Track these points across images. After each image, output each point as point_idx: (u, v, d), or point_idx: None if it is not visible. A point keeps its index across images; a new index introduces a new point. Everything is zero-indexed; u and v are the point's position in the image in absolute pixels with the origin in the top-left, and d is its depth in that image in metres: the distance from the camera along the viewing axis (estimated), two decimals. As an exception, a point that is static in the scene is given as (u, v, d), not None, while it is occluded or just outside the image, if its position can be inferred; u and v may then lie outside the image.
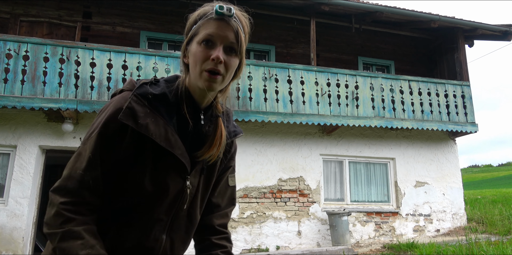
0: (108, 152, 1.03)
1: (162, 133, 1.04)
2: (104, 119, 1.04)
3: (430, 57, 11.07)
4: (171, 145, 1.05)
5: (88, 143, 1.03)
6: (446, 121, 8.96)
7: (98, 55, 7.12)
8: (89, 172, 1.01)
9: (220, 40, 1.05)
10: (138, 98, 1.05)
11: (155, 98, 1.07)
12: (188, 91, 1.12)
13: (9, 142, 7.07)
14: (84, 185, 1.00)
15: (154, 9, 9.02)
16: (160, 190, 1.06)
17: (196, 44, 1.07)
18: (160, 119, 1.05)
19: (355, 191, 8.89)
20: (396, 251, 7.23)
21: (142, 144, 1.04)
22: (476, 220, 9.55)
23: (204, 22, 1.07)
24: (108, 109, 1.06)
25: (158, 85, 1.11)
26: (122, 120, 1.01)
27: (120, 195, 1.06)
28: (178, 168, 1.08)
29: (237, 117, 7.58)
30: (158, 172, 1.06)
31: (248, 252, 7.62)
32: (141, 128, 1.02)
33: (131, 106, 1.03)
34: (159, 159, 1.05)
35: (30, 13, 8.34)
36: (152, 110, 1.05)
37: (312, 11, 8.76)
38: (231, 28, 1.06)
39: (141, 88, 1.07)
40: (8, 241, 6.61)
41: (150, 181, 1.05)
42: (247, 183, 8.00)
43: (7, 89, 6.57)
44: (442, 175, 9.41)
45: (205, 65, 1.05)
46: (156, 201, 1.07)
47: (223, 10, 1.04)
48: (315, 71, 8.35)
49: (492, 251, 6.01)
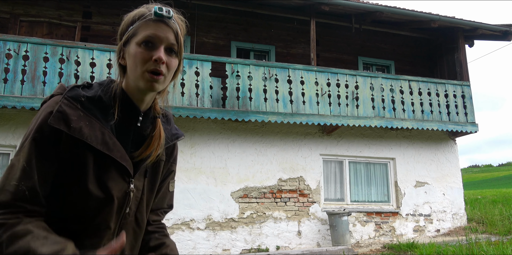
0: (43, 158, 0.98)
1: (98, 136, 1.01)
2: (36, 126, 0.99)
3: (430, 57, 11.07)
4: (109, 148, 1.02)
5: (21, 152, 0.98)
6: (446, 121, 8.96)
7: (98, 55, 7.12)
8: (24, 181, 0.94)
9: (161, 41, 1.05)
10: (70, 101, 1.01)
11: (89, 101, 1.04)
12: (125, 94, 1.09)
13: (9, 142, 7.07)
14: (18, 196, 0.93)
15: (154, 9, 9.01)
16: (104, 194, 1.02)
17: (135, 46, 1.05)
18: (96, 123, 1.02)
19: (355, 191, 8.89)
20: (396, 251, 7.23)
21: (79, 148, 1.00)
22: (476, 220, 9.55)
23: (142, 24, 1.06)
24: (40, 115, 1.01)
25: (91, 88, 1.08)
26: (53, 124, 0.97)
27: (66, 204, 1.01)
28: (120, 171, 1.05)
29: (237, 117, 7.58)
30: (100, 176, 1.02)
31: (248, 252, 7.61)
32: (74, 131, 0.98)
33: (62, 109, 0.99)
34: (99, 162, 1.02)
35: (30, 13, 8.34)
36: (86, 113, 1.02)
37: (312, 11, 8.76)
38: (171, 29, 1.06)
39: (72, 91, 1.04)
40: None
41: (94, 186, 1.01)
42: (247, 183, 8.00)
43: (7, 89, 6.57)
44: (442, 175, 9.41)
45: (147, 66, 1.04)
46: (103, 207, 1.03)
47: (162, 11, 1.04)
48: (315, 71, 8.35)
49: (492, 251, 6.01)
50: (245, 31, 9.69)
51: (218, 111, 7.52)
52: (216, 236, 7.57)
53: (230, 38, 9.50)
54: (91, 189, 1.00)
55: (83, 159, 1.00)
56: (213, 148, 7.96)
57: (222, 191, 7.81)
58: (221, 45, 9.33)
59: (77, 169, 1.00)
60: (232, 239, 7.65)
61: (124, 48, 1.09)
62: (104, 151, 1.01)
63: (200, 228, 7.51)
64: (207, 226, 7.57)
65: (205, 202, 7.64)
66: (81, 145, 0.99)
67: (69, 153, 0.99)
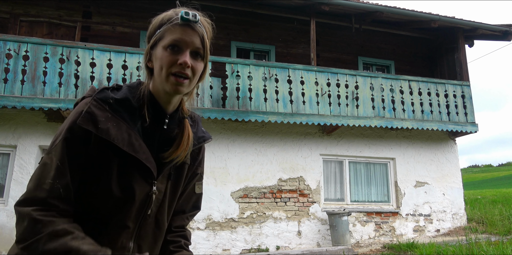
0: (74, 158, 1.01)
1: (125, 137, 1.03)
2: (67, 126, 1.02)
3: (430, 57, 11.07)
4: (135, 149, 1.04)
5: (53, 151, 1.01)
6: (446, 121, 8.96)
7: (98, 55, 7.12)
8: (58, 180, 0.98)
9: (186, 45, 1.06)
10: (98, 103, 1.04)
11: (117, 103, 1.07)
12: (152, 96, 1.12)
13: (9, 142, 7.07)
14: (54, 194, 0.97)
15: (154, 9, 9.00)
16: (126, 195, 1.05)
17: (161, 49, 1.07)
18: (123, 124, 1.05)
19: (355, 191, 8.89)
20: (396, 251, 7.23)
21: (106, 149, 1.02)
22: (476, 220, 9.55)
23: (169, 28, 1.07)
24: (71, 116, 1.05)
25: (120, 90, 1.11)
26: (81, 125, 1.00)
27: (88, 202, 1.04)
28: (144, 172, 1.07)
29: (237, 117, 7.58)
30: (124, 177, 1.05)
31: (248, 252, 7.61)
32: (102, 132, 1.01)
33: (90, 110, 1.02)
34: (124, 164, 1.04)
35: (30, 13, 8.34)
36: (114, 114, 1.05)
37: (312, 11, 8.76)
38: (197, 33, 1.08)
39: (101, 93, 1.07)
40: (8, 241, 6.60)
41: (117, 186, 1.04)
42: (247, 183, 8.00)
43: (7, 89, 6.57)
44: (442, 175, 9.41)
45: (171, 69, 1.06)
46: (123, 207, 1.05)
47: (189, 16, 1.06)
48: (315, 71, 8.35)
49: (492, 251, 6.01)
50: (245, 31, 9.69)
51: (218, 111, 7.52)
52: (216, 236, 7.58)
53: (230, 38, 9.50)
54: (113, 189, 1.03)
55: (108, 159, 1.03)
56: (213, 148, 7.96)
57: (222, 191, 7.81)
58: (221, 45, 9.32)
59: (102, 168, 1.03)
60: (232, 239, 7.65)
61: (152, 51, 1.11)
62: (130, 152, 1.04)
63: (200, 228, 7.51)
64: (207, 226, 7.58)
65: (205, 202, 7.64)
66: (108, 145, 1.02)
67: (96, 152, 1.02)
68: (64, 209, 0.99)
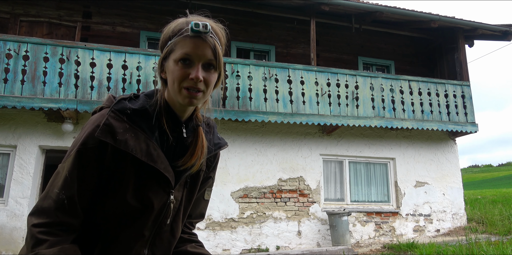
0: (86, 170, 1.01)
1: (143, 148, 1.03)
2: (83, 138, 1.03)
3: (430, 57, 11.06)
4: (153, 159, 1.04)
5: (66, 161, 1.03)
6: (446, 121, 8.96)
7: (98, 55, 7.12)
8: (64, 190, 0.99)
9: (198, 58, 1.04)
10: (116, 114, 1.04)
11: (135, 113, 1.06)
12: (167, 105, 1.12)
13: (9, 142, 7.07)
14: (58, 204, 0.99)
15: (154, 9, 9.01)
16: (144, 205, 1.05)
17: (173, 62, 1.05)
18: (141, 134, 1.04)
19: (355, 191, 8.89)
20: (396, 251, 7.23)
21: (124, 160, 1.02)
22: (476, 220, 9.55)
23: (179, 40, 1.04)
24: (87, 127, 1.05)
25: (137, 100, 1.10)
26: (100, 137, 1.00)
27: (104, 211, 1.04)
28: (162, 182, 1.07)
29: (237, 117, 7.58)
30: (141, 187, 1.05)
31: (248, 252, 7.61)
32: (120, 144, 1.01)
33: (109, 122, 1.02)
34: (141, 174, 1.04)
35: (30, 13, 8.34)
36: (132, 125, 1.04)
37: (312, 11, 8.76)
38: (208, 45, 1.04)
39: (119, 104, 1.07)
40: (8, 241, 6.60)
41: (134, 197, 1.04)
42: (247, 183, 8.00)
43: (7, 89, 6.57)
44: (442, 175, 9.41)
45: (183, 83, 1.04)
46: (141, 216, 1.06)
47: (199, 27, 1.02)
48: (315, 71, 8.35)
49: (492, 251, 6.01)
50: (245, 31, 9.69)
51: (218, 111, 7.50)
52: (216, 236, 7.58)
53: (230, 38, 9.48)
54: (131, 199, 1.04)
55: (126, 170, 1.03)
56: (213, 148, 7.95)
57: (222, 191, 7.81)
58: (221, 45, 9.31)
59: (120, 179, 1.03)
60: (232, 239, 7.65)
61: (164, 63, 1.09)
62: (149, 162, 1.03)
63: (200, 228, 7.51)
64: (207, 226, 7.58)
65: (205, 202, 7.63)
66: (125, 156, 1.02)
67: (114, 164, 1.02)
68: (65, 221, 0.99)
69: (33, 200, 7.05)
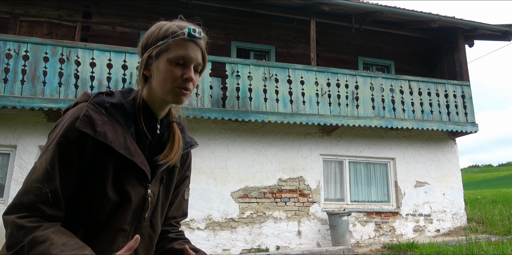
0: (67, 163, 1.01)
1: (121, 141, 1.05)
2: (62, 130, 1.02)
3: (430, 57, 11.06)
4: (131, 152, 1.06)
5: (45, 155, 1.01)
6: (446, 121, 8.96)
7: (98, 55, 7.12)
8: (47, 184, 0.98)
9: (191, 61, 1.12)
10: (95, 107, 1.06)
11: (113, 107, 1.09)
12: (145, 103, 1.15)
13: (9, 142, 7.07)
14: (42, 198, 0.97)
15: (154, 9, 9.01)
16: (122, 198, 1.06)
17: (166, 62, 1.10)
18: (119, 128, 1.06)
19: (355, 191, 8.89)
20: (396, 251, 7.23)
21: (102, 153, 1.03)
22: (476, 220, 9.55)
23: (175, 42, 1.10)
24: (65, 120, 1.05)
25: (113, 95, 1.13)
26: (80, 128, 1.00)
27: (84, 205, 1.04)
28: (139, 176, 1.09)
29: (237, 117, 7.58)
30: (119, 180, 1.06)
31: (248, 252, 7.61)
32: (100, 135, 1.02)
33: (89, 114, 1.03)
34: (119, 167, 1.05)
35: (30, 13, 8.34)
36: (110, 118, 1.06)
37: (312, 11, 8.76)
38: (200, 49, 1.14)
39: (97, 97, 1.09)
40: (8, 241, 6.60)
41: (113, 190, 1.04)
42: (247, 183, 8.00)
43: (7, 89, 6.57)
44: (442, 175, 9.41)
45: (177, 83, 1.10)
46: (119, 210, 1.06)
47: (195, 33, 1.11)
48: (315, 71, 8.35)
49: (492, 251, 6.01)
50: (245, 31, 9.69)
51: (218, 111, 7.52)
52: (216, 236, 7.57)
53: (230, 38, 9.50)
54: (109, 192, 1.04)
55: (104, 163, 1.04)
56: (213, 148, 7.96)
57: (222, 191, 7.81)
58: (221, 45, 9.32)
59: (98, 172, 1.04)
60: (232, 239, 7.65)
61: (151, 61, 1.12)
62: (126, 155, 1.05)
63: (200, 228, 7.51)
64: (207, 226, 7.57)
65: (205, 202, 7.64)
66: (104, 148, 1.03)
67: (92, 157, 1.03)
68: (51, 214, 0.98)
69: (33, 200, 7.05)
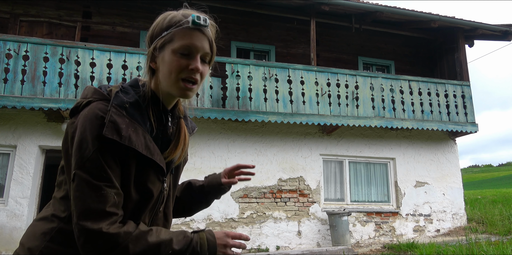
0: (113, 165, 1.01)
1: (142, 141, 1.04)
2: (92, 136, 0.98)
3: (430, 57, 11.06)
4: (151, 152, 1.05)
5: (87, 163, 0.97)
6: (446, 121, 8.96)
7: (98, 55, 7.12)
8: (110, 188, 0.98)
9: (197, 50, 1.06)
10: (117, 110, 1.02)
11: (131, 106, 1.06)
12: (154, 95, 1.11)
13: (9, 142, 7.06)
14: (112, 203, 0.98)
15: (154, 9, 8.99)
16: (144, 196, 1.07)
17: (171, 53, 1.05)
18: (139, 128, 1.05)
19: (355, 191, 8.88)
20: (396, 251, 7.23)
21: (126, 154, 1.03)
22: (476, 220, 9.55)
23: (179, 31, 1.05)
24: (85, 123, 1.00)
25: (127, 92, 1.08)
26: (107, 135, 0.97)
27: None
28: (157, 172, 1.10)
29: (237, 117, 7.58)
30: (141, 180, 1.06)
31: (248, 252, 7.61)
32: (125, 140, 1.00)
33: (113, 119, 0.99)
34: (140, 166, 1.05)
35: (30, 13, 8.34)
36: (131, 119, 1.04)
37: (312, 11, 8.76)
38: (207, 38, 1.08)
39: (117, 98, 1.04)
40: (8, 241, 6.60)
41: (135, 190, 1.05)
42: (247, 183, 7.99)
43: (7, 89, 6.57)
44: (442, 175, 9.41)
45: (181, 74, 1.05)
46: (141, 207, 1.08)
47: (200, 20, 1.04)
48: (315, 71, 8.35)
49: (492, 251, 6.01)
50: (245, 31, 9.69)
51: (218, 111, 7.51)
52: (216, 236, 7.56)
53: (230, 38, 9.50)
54: (132, 193, 1.04)
55: (128, 163, 1.03)
56: (213, 148, 7.96)
57: (222, 191, 7.80)
58: (221, 45, 9.31)
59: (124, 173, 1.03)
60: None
61: (156, 53, 1.08)
62: (148, 155, 1.04)
63: (200, 228, 7.51)
64: (207, 226, 7.57)
65: (205, 202, 7.63)
66: (128, 150, 1.02)
67: (119, 159, 1.02)
68: (121, 214, 1.00)
69: (33, 200, 7.05)
